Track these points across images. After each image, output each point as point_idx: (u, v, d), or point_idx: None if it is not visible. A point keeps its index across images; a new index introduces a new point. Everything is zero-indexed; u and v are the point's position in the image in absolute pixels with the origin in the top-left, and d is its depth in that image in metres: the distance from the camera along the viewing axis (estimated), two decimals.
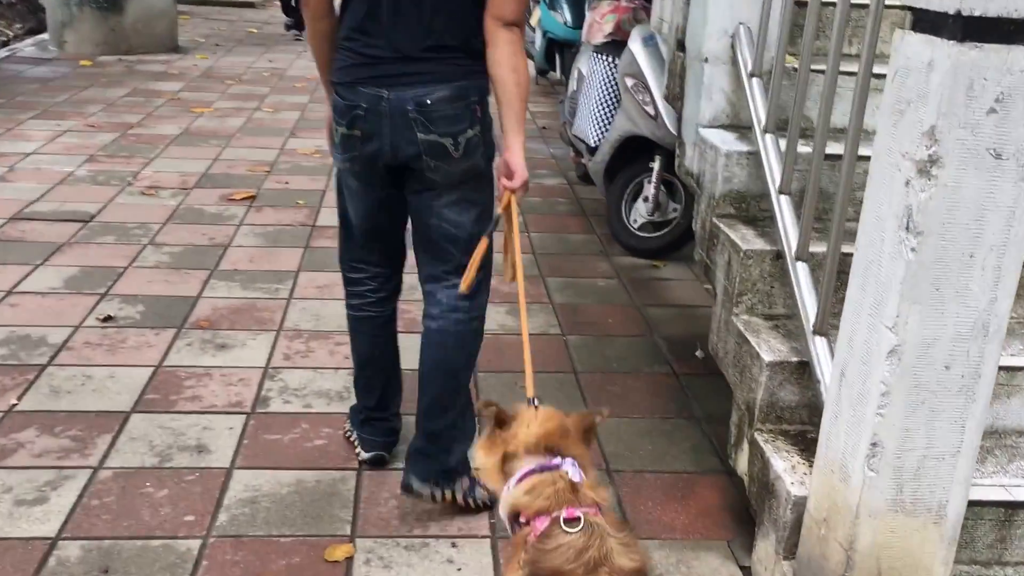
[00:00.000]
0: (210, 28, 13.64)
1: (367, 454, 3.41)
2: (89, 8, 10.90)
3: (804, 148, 3.23)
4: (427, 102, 2.82)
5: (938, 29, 2.13)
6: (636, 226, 5.55)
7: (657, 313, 4.78)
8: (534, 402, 2.29)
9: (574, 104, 6.28)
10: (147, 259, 5.11)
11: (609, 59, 5.76)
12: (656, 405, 3.91)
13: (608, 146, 5.54)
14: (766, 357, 2.96)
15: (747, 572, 2.96)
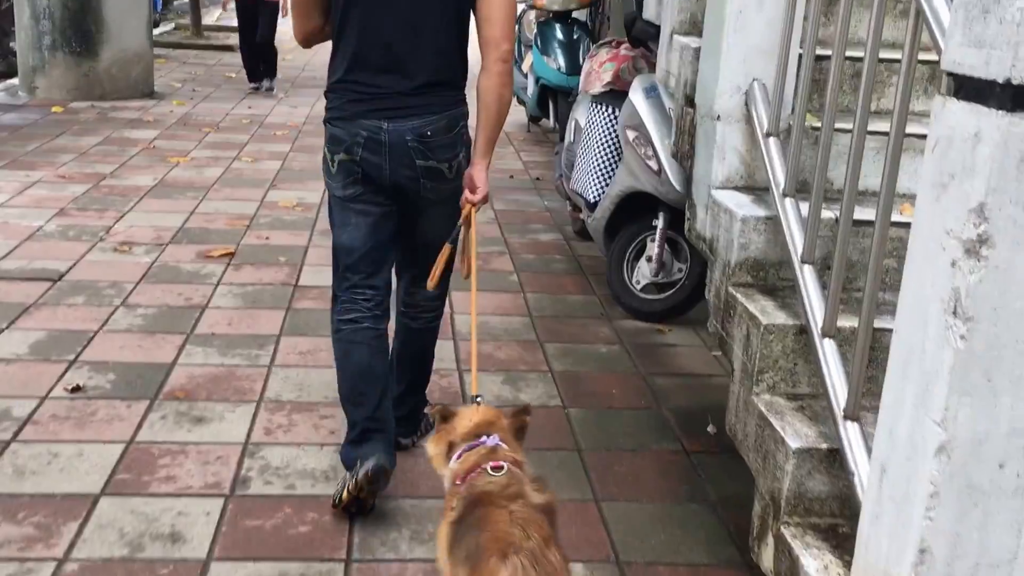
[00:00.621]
0: (187, 72, 13.42)
1: (370, 465, 3.22)
2: (62, 53, 10.67)
3: (827, 213, 3.02)
4: (427, 133, 3.19)
5: (984, 98, 1.90)
6: (639, 287, 5.30)
7: (664, 383, 4.53)
8: (476, 400, 2.74)
9: (571, 156, 6.06)
10: (119, 322, 4.83)
11: (609, 110, 5.54)
12: (667, 488, 3.64)
13: (609, 202, 5.31)
14: (792, 443, 2.71)
15: None
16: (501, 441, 2.51)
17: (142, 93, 11.20)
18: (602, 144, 5.52)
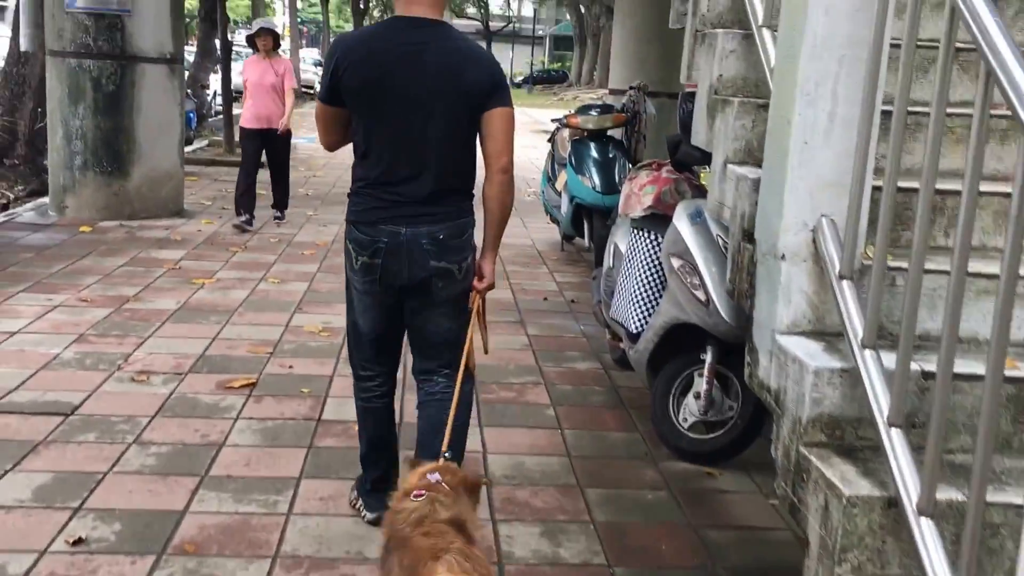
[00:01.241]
0: (217, 190, 13.33)
1: (372, 515, 3.98)
2: (93, 172, 10.59)
3: (913, 365, 2.68)
4: (440, 237, 3.61)
5: None
6: (686, 426, 4.91)
7: (718, 537, 4.13)
8: (445, 455, 3.31)
9: (611, 283, 5.76)
10: (130, 462, 4.51)
11: (651, 236, 5.26)
12: None
13: (652, 334, 4.99)
14: None
15: None
16: (442, 480, 2.91)
17: (171, 212, 11.08)
18: (644, 271, 5.22)
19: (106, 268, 8.34)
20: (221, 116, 18.83)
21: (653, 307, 5.12)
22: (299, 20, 73.68)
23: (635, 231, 5.39)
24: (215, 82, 22.75)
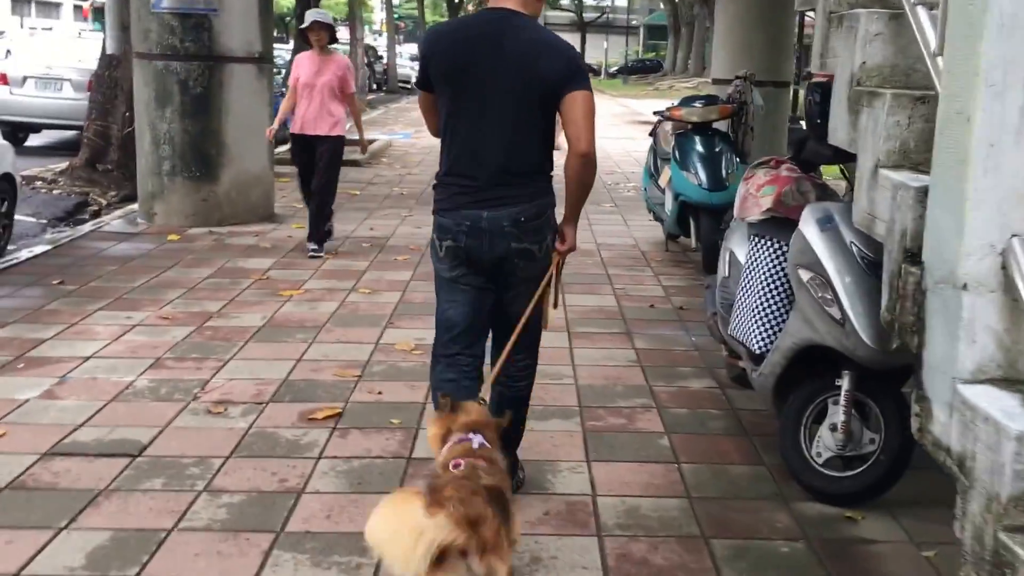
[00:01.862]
0: None
1: None
2: (181, 178, 10.28)
3: None
4: (521, 219, 3.74)
5: None
6: (821, 461, 4.29)
7: None
8: (481, 400, 3.52)
9: (728, 295, 5.16)
10: (199, 515, 4.06)
11: (773, 243, 4.65)
12: None
13: (779, 356, 4.39)
14: None
15: None
16: (485, 440, 3.16)
17: (261, 216, 10.73)
18: (767, 284, 4.61)
19: (191, 280, 7.99)
20: None
21: (779, 325, 4.51)
22: (396, 16, 73.98)
23: (754, 238, 4.78)
24: None
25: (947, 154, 2.59)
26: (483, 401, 3.58)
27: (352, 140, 9.85)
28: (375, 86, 41.78)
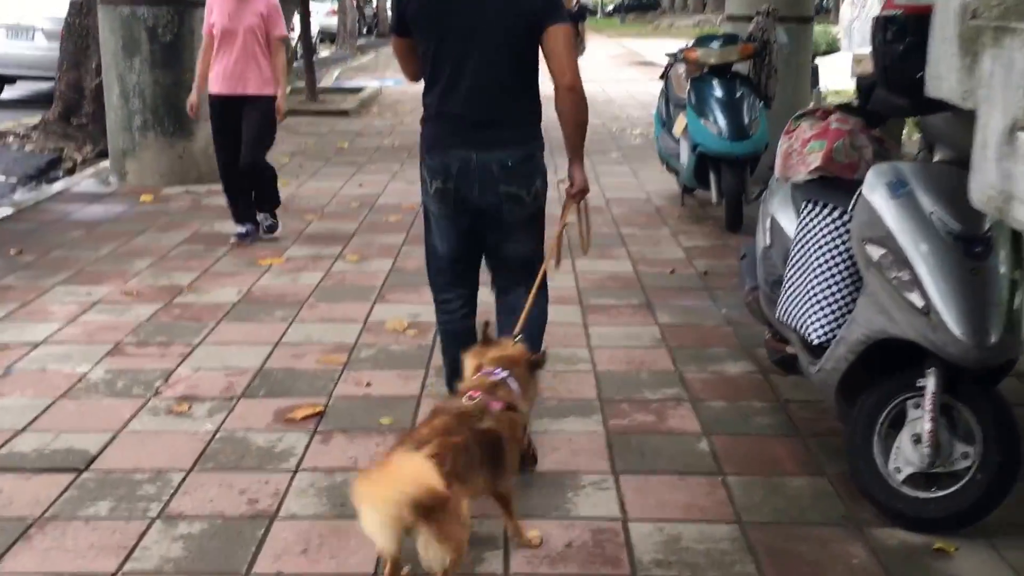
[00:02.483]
0: (296, 144, 12.19)
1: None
2: (154, 134, 9.50)
3: None
4: (509, 164, 3.76)
5: None
6: (900, 477, 3.55)
7: None
8: (517, 338, 3.59)
9: (772, 268, 4.44)
10: (149, 553, 3.36)
11: (830, 211, 3.92)
12: None
13: (846, 349, 3.66)
14: None
15: None
16: (513, 377, 3.30)
17: None
18: (826, 262, 3.88)
19: (162, 248, 7.25)
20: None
21: (843, 311, 3.79)
22: None
23: (806, 205, 4.04)
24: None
25: None
26: (519, 337, 3.62)
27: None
28: (365, 30, 40.70)
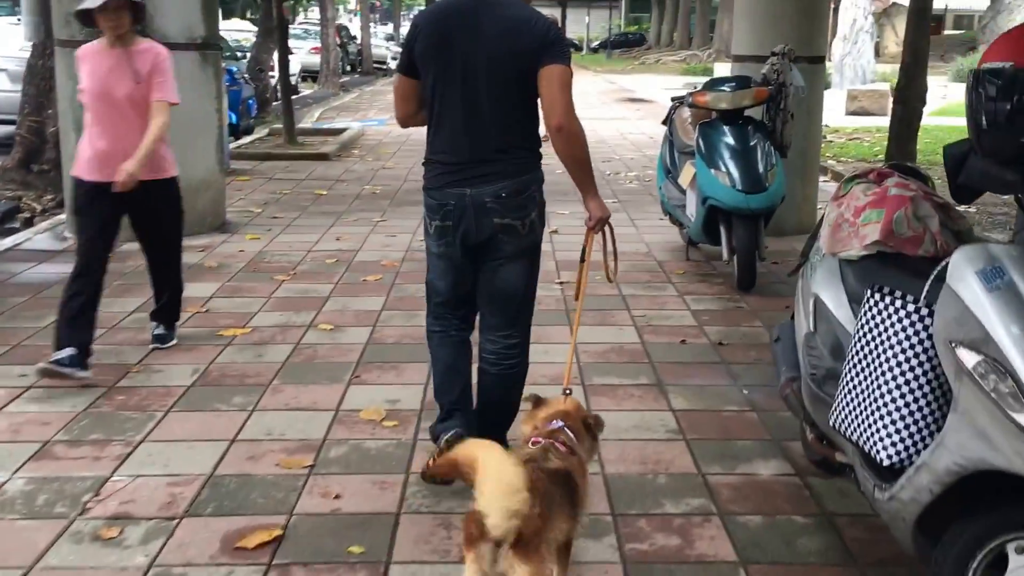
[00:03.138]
0: (270, 192, 11.45)
1: (448, 433, 4.00)
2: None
3: None
4: (502, 195, 3.81)
5: None
6: None
7: None
8: (566, 392, 3.58)
9: (818, 360, 3.71)
10: None
11: (899, 303, 3.19)
12: None
13: (930, 479, 2.91)
14: None
15: None
16: (568, 427, 3.24)
17: (210, 227, 9.19)
18: (900, 365, 3.14)
19: (112, 317, 6.48)
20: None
21: (924, 429, 3.05)
22: None
23: (871, 293, 3.29)
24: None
25: None
26: (568, 391, 3.61)
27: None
28: (349, 67, 40.14)
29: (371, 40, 40.93)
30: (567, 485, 2.98)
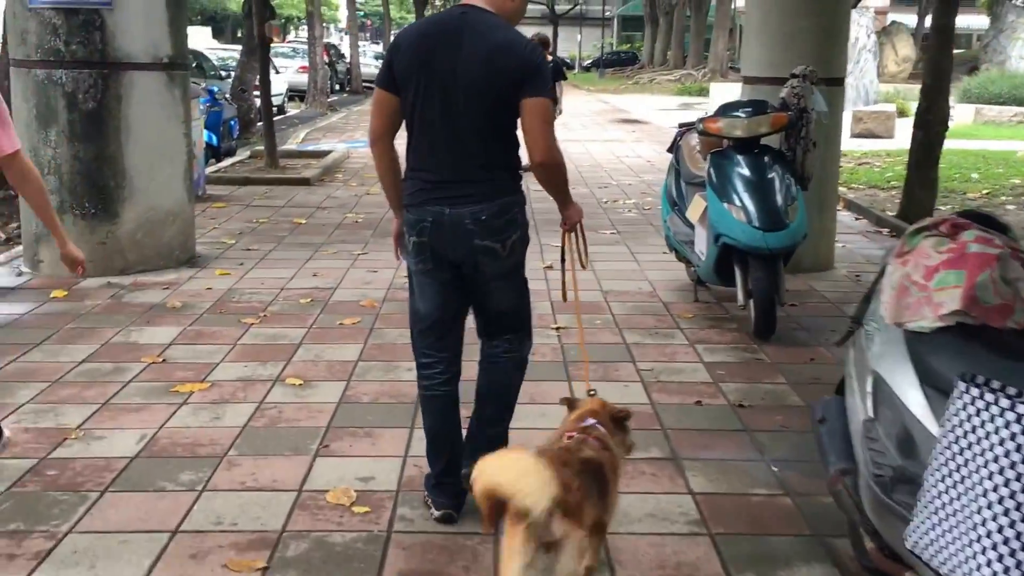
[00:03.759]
0: (246, 220, 10.76)
1: (438, 512, 3.98)
2: (72, 216, 8.03)
3: None
4: (482, 217, 3.74)
5: None
6: None
7: None
8: (590, 393, 3.69)
9: (881, 456, 3.02)
10: None
11: (997, 395, 2.50)
12: None
13: None
14: None
15: None
16: (599, 424, 3.32)
17: (178, 261, 8.50)
18: (1009, 481, 2.45)
19: (59, 368, 5.79)
20: None
21: None
22: (362, 13, 71.58)
23: (966, 386, 2.59)
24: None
25: None
26: (593, 391, 3.73)
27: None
28: (337, 86, 39.49)
29: (360, 59, 40.28)
30: (597, 476, 3.06)
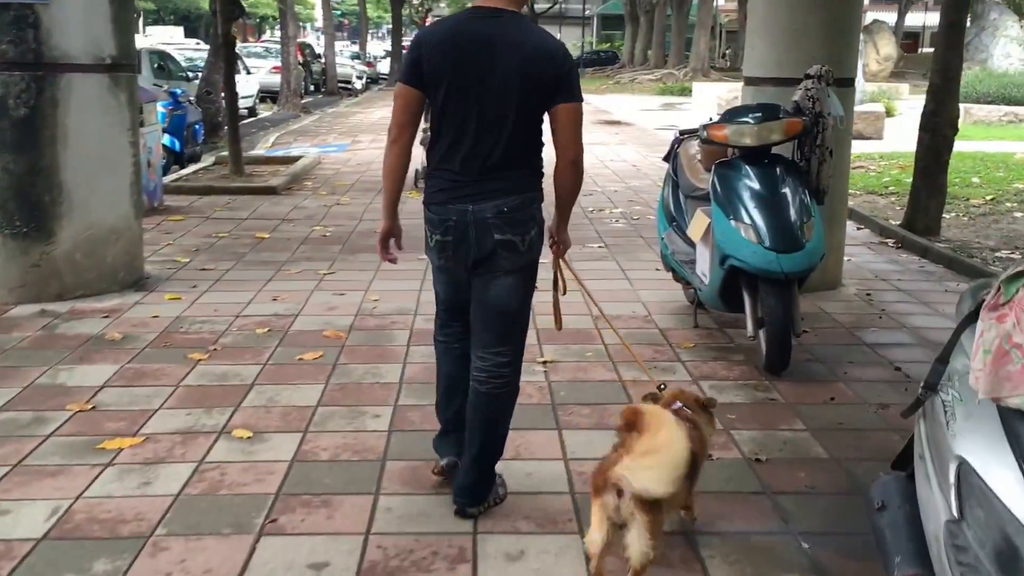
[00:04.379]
0: (205, 235, 9.96)
1: (442, 461, 4.22)
2: (1, 235, 7.22)
3: None
4: (504, 210, 3.82)
5: None
6: None
7: None
8: (661, 387, 4.00)
9: (973, 571, 2.29)
10: None
11: None
12: None
13: None
14: None
15: None
16: (685, 406, 3.73)
17: (122, 283, 7.69)
18: None
19: None
20: None
21: None
22: (339, 12, 70.68)
23: None
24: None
25: None
26: (663, 385, 4.02)
27: None
28: (312, 87, 38.63)
29: (336, 59, 39.43)
30: (691, 460, 3.32)
